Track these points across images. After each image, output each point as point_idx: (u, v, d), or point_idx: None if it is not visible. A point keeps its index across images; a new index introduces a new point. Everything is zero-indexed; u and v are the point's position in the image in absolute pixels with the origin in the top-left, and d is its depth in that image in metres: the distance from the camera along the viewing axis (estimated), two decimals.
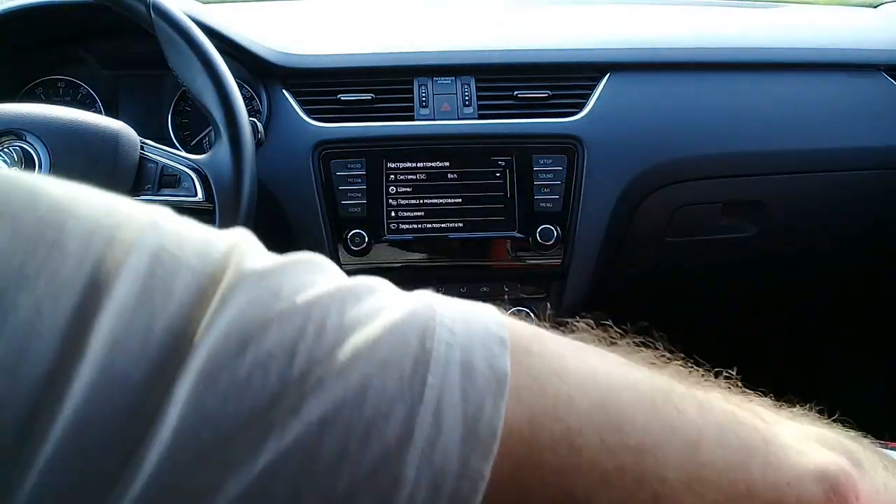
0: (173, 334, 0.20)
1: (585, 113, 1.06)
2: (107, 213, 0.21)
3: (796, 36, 1.23)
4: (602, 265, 1.08)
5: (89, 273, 0.20)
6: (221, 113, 0.85)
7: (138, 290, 0.20)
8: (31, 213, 0.20)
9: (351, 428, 0.21)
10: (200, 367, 0.20)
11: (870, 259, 1.27)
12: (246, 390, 0.21)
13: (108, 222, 0.21)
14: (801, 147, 1.11)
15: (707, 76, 1.12)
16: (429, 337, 0.23)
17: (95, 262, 0.20)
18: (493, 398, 0.23)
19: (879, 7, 1.37)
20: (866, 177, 1.14)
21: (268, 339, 0.21)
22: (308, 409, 0.21)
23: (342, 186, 1.03)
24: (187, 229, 0.23)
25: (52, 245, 0.20)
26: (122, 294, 0.20)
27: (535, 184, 1.04)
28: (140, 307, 0.20)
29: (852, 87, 1.14)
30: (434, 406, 0.22)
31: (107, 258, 0.20)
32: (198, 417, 0.20)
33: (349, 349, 0.22)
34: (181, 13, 0.87)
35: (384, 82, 1.07)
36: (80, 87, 1.09)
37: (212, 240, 0.23)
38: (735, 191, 1.11)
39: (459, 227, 1.04)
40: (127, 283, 0.20)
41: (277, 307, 0.22)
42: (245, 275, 0.22)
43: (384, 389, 0.22)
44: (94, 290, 0.20)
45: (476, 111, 1.06)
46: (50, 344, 0.19)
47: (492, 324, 0.25)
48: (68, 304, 0.19)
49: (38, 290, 0.19)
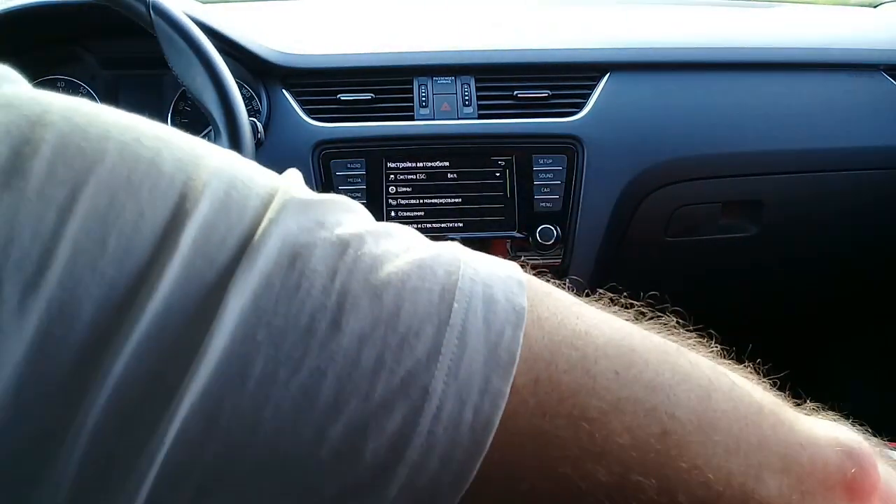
0: (241, 244, 0.24)
1: (585, 113, 1.06)
2: (191, 147, 0.25)
3: (796, 36, 1.23)
4: (602, 265, 1.08)
5: (181, 189, 0.23)
6: (221, 113, 0.85)
7: (217, 206, 0.24)
8: (134, 137, 0.24)
9: (386, 343, 0.24)
10: (260, 269, 0.23)
11: (869, 259, 1.27)
12: (294, 297, 0.23)
13: (194, 153, 0.25)
14: (801, 147, 1.11)
15: (707, 76, 1.12)
16: (454, 272, 0.26)
17: (185, 181, 0.24)
18: (511, 328, 0.25)
19: (879, 7, 1.38)
20: (866, 177, 1.14)
21: (313, 258, 0.24)
22: (347, 323, 0.24)
23: (342, 186, 1.03)
24: (252, 167, 0.27)
25: (150, 163, 0.24)
26: (206, 208, 0.23)
27: (534, 184, 1.04)
28: (218, 220, 0.23)
29: (852, 86, 1.14)
30: (459, 329, 0.25)
31: (194, 179, 0.24)
32: (254, 312, 0.23)
33: (384, 275, 0.25)
34: (181, 13, 0.87)
35: (384, 82, 1.07)
36: (80, 87, 1.09)
37: (271, 174, 0.27)
38: (735, 191, 1.12)
39: (459, 227, 1.04)
40: (208, 201, 0.24)
41: (320, 234, 0.25)
42: (293, 200, 0.25)
43: (415, 311, 0.24)
44: (184, 203, 0.23)
45: (476, 111, 1.06)
46: (150, 241, 0.23)
47: (511, 269, 0.28)
48: (165, 211, 0.23)
49: (142, 197, 0.23)
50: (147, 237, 0.22)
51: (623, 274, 1.13)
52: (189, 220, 0.23)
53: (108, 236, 0.22)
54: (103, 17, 0.91)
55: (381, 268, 0.25)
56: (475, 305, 0.25)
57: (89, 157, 0.23)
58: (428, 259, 0.26)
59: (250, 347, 0.23)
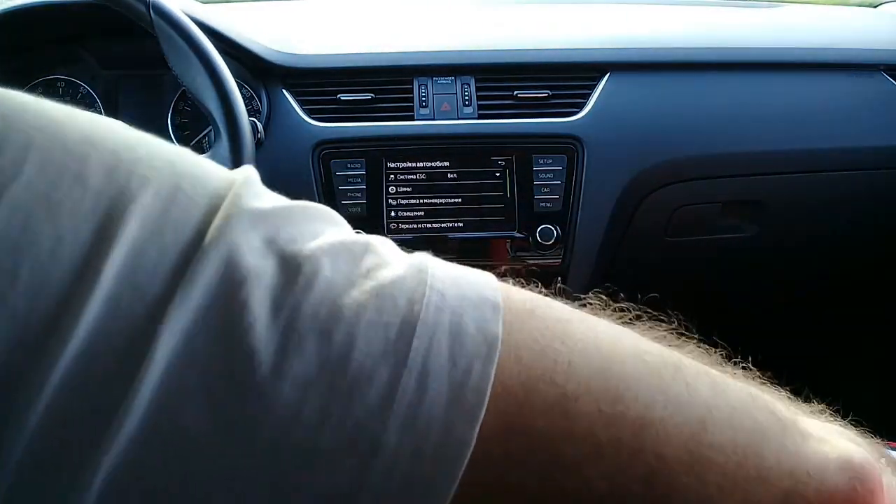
0: (175, 271, 0.21)
1: (585, 113, 1.06)
2: (127, 149, 0.22)
3: (796, 36, 1.23)
4: (602, 265, 1.08)
5: (107, 207, 0.21)
6: (221, 112, 0.85)
7: (150, 226, 0.21)
8: (59, 144, 0.21)
9: (333, 389, 0.21)
10: (195, 303, 0.20)
11: (870, 258, 1.27)
12: (231, 336, 0.21)
13: (129, 157, 0.22)
14: (801, 147, 1.11)
15: (707, 76, 1.12)
16: (418, 300, 0.23)
17: (114, 196, 0.21)
18: (481, 362, 0.22)
19: (879, 7, 1.38)
20: (866, 177, 1.14)
21: (257, 290, 0.21)
22: (290, 367, 0.21)
23: (342, 186, 1.03)
24: (202, 169, 0.23)
25: (75, 177, 0.21)
26: (136, 229, 0.20)
27: (534, 184, 1.04)
28: (150, 244, 0.21)
29: (852, 87, 1.14)
30: (419, 370, 0.22)
31: (126, 192, 0.21)
32: (187, 354, 0.20)
33: (336, 308, 0.22)
34: (181, 13, 0.87)
35: (384, 82, 1.07)
36: (80, 87, 1.09)
37: (223, 175, 0.24)
38: (735, 191, 1.12)
39: (459, 227, 1.04)
40: (140, 219, 0.21)
41: (269, 257, 0.22)
42: (241, 213, 0.22)
43: (369, 351, 0.21)
44: (111, 224, 0.20)
45: (476, 111, 1.06)
46: (68, 271, 0.20)
47: (486, 289, 0.24)
48: (87, 234, 0.20)
49: (62, 220, 0.20)
50: (65, 266, 0.20)
51: (623, 274, 1.14)
52: (115, 244, 0.20)
53: (21, 266, 0.19)
54: (103, 17, 0.91)
55: (334, 299, 0.22)
56: (439, 339, 0.22)
57: (5, 173, 0.20)
58: (389, 286, 0.23)
59: (181, 397, 0.20)
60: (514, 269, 0.26)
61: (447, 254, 1.05)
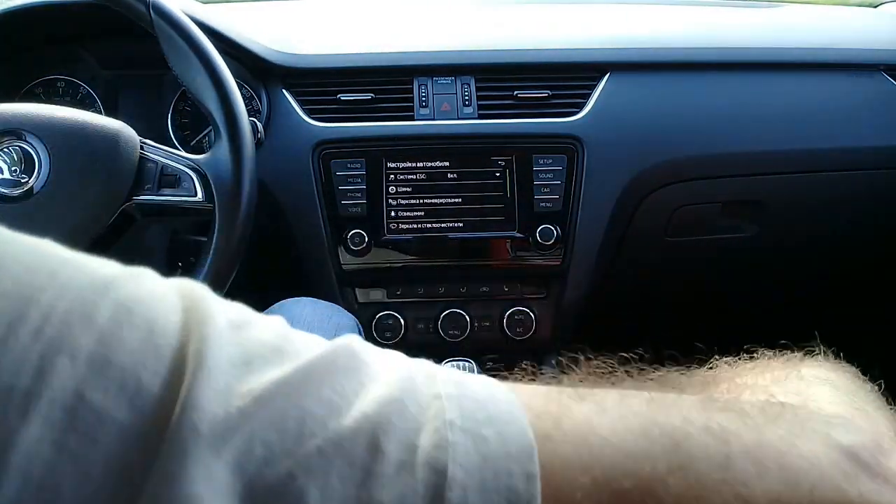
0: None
1: (585, 113, 1.06)
2: (32, 289, 0.16)
3: (796, 36, 1.23)
4: (602, 265, 1.08)
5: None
6: (221, 113, 0.85)
7: (57, 440, 0.15)
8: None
9: None
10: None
11: (870, 259, 1.27)
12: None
13: (32, 296, 0.16)
14: (801, 147, 1.11)
15: (707, 76, 1.12)
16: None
17: (6, 392, 0.15)
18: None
19: (879, 7, 1.38)
20: (866, 177, 1.14)
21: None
22: None
23: (342, 186, 1.03)
24: (148, 301, 0.18)
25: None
26: (32, 443, 0.15)
27: (534, 184, 1.04)
28: (56, 467, 0.15)
29: (852, 87, 1.14)
30: None
31: (21, 372, 0.15)
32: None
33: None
34: (181, 13, 0.87)
35: (384, 82, 1.07)
36: (80, 87, 1.09)
37: (170, 328, 0.18)
38: (734, 191, 1.11)
39: (459, 227, 1.04)
40: (39, 426, 0.15)
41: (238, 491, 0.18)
42: (198, 424, 0.18)
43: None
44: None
45: (476, 111, 1.06)
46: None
47: (519, 453, 0.23)
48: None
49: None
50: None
51: (623, 274, 1.14)
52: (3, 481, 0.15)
53: None
54: (103, 17, 0.91)
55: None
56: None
57: None
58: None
59: None
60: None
61: (447, 254, 1.05)
